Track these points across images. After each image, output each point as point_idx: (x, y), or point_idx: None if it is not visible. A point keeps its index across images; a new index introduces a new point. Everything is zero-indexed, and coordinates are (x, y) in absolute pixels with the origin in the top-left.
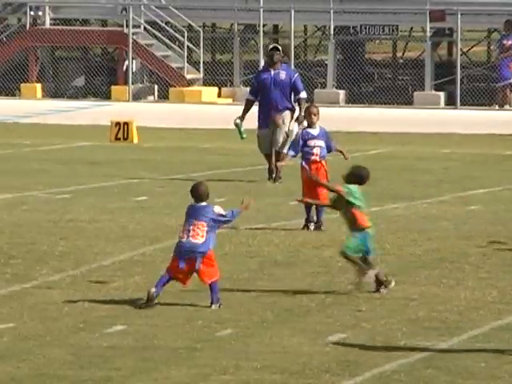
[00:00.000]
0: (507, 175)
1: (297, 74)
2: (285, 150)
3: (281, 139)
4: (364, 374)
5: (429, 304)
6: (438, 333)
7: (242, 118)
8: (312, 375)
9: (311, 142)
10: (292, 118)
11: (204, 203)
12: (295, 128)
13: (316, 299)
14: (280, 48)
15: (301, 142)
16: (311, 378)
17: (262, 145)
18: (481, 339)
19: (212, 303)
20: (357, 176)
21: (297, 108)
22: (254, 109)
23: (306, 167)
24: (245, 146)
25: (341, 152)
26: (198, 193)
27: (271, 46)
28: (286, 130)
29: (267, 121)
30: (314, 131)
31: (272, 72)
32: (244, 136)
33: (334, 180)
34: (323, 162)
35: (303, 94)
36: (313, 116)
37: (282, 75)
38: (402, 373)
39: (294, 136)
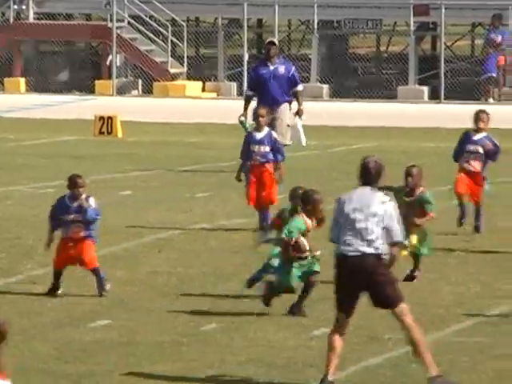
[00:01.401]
0: (491, 169)
1: (294, 68)
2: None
3: (283, 131)
4: (349, 368)
5: (414, 298)
6: (423, 327)
7: (244, 114)
8: (297, 369)
9: (254, 147)
10: (290, 110)
11: None
12: (298, 122)
13: None
14: (276, 42)
15: (245, 145)
16: (296, 372)
17: None
18: (465, 334)
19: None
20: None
21: (294, 101)
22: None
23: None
24: (229, 140)
25: (276, 170)
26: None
27: (268, 41)
28: (287, 122)
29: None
30: (259, 135)
31: (270, 66)
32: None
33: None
34: (268, 165)
35: (300, 87)
36: (260, 118)
37: (281, 69)
38: (387, 367)
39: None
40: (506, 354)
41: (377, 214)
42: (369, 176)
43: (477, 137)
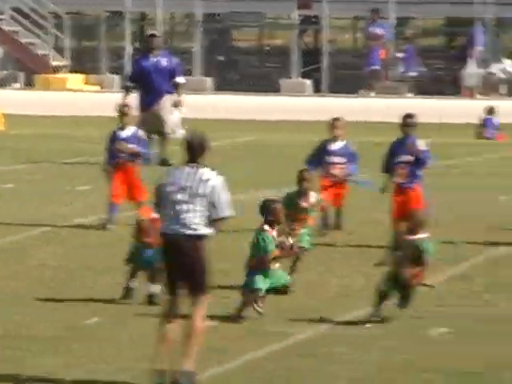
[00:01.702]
0: (376, 164)
1: (177, 60)
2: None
3: (165, 122)
4: (232, 362)
5: (299, 291)
6: (307, 319)
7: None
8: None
9: (117, 145)
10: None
11: None
12: (175, 113)
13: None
14: (157, 34)
15: (110, 144)
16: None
17: (144, 127)
18: (348, 326)
19: None
20: None
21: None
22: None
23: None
24: None
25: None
26: None
27: (150, 33)
28: (170, 113)
29: (149, 105)
30: (124, 133)
31: (153, 59)
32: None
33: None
34: (133, 163)
35: (181, 80)
36: (124, 117)
37: (163, 62)
38: (271, 360)
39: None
40: (392, 347)
41: (201, 194)
42: (193, 152)
43: (334, 147)
